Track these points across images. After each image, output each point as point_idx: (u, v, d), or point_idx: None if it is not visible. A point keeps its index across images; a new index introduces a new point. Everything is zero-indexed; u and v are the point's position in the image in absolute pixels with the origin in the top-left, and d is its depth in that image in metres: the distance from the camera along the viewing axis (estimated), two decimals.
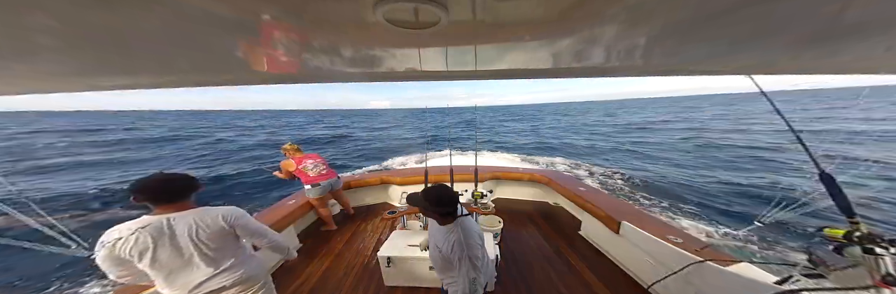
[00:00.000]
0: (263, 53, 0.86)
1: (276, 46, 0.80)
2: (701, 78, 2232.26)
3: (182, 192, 1.40)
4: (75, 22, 0.57)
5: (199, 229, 1.37)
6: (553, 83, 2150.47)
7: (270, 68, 1.00)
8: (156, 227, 1.30)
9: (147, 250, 1.27)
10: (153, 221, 1.30)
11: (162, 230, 1.31)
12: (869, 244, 1.04)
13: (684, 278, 2.04)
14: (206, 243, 1.39)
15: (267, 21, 0.63)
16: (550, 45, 0.84)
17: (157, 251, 1.30)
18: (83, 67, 0.86)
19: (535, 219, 3.84)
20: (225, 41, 0.74)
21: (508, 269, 2.69)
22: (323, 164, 3.49)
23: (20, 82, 0.97)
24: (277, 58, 0.90)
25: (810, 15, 0.61)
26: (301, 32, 0.72)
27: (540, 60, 0.98)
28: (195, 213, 1.39)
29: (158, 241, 1.29)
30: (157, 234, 1.29)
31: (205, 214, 1.41)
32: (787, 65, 0.94)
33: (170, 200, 1.36)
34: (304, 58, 0.92)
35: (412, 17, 0.60)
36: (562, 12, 0.61)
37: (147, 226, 1.29)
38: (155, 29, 0.62)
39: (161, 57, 0.82)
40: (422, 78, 1.26)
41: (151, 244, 1.28)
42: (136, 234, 1.26)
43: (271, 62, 0.95)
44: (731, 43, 0.77)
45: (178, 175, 1.41)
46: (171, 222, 1.33)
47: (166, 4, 0.53)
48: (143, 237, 1.27)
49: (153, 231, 1.29)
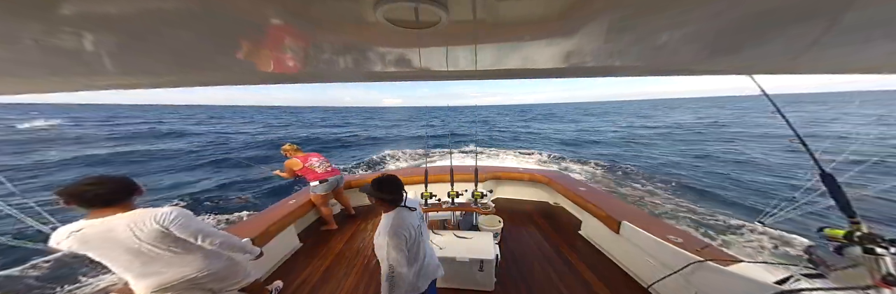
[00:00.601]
0: (263, 53, 0.86)
1: (277, 46, 0.80)
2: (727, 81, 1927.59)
3: (114, 197, 1.39)
4: (75, 22, 0.57)
5: (137, 231, 1.38)
6: (559, 83, 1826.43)
7: (270, 68, 1.00)
8: (89, 231, 1.32)
9: (89, 251, 1.32)
10: (87, 226, 1.32)
11: (97, 233, 1.32)
12: (869, 244, 1.04)
13: (684, 278, 2.04)
14: (151, 243, 1.41)
15: (267, 21, 0.63)
16: (550, 44, 0.84)
17: (101, 251, 1.35)
18: (82, 67, 0.86)
19: (536, 219, 3.84)
20: (225, 41, 0.74)
21: (508, 269, 2.69)
22: (327, 162, 3.53)
23: (19, 82, 0.97)
24: (277, 57, 0.90)
25: (811, 15, 0.61)
26: (301, 32, 0.72)
27: (540, 60, 0.98)
28: (132, 216, 1.39)
29: (96, 243, 1.33)
30: (92, 236, 1.32)
31: (141, 216, 1.41)
32: (787, 65, 0.94)
33: (103, 205, 1.37)
34: (304, 57, 0.92)
35: (412, 17, 0.60)
36: (562, 12, 0.61)
37: (81, 229, 1.31)
38: (154, 29, 0.62)
39: (161, 56, 0.82)
40: (422, 78, 1.26)
41: (91, 246, 1.32)
42: (71, 237, 1.29)
43: (271, 62, 0.95)
44: (732, 43, 0.77)
45: (109, 179, 1.39)
46: (109, 224, 1.34)
47: (166, 4, 0.53)
48: (78, 241, 1.30)
49: (88, 234, 1.31)
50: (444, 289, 2.39)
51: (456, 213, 3.16)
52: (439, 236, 2.62)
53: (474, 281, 2.35)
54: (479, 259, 2.26)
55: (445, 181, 3.25)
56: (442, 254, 2.31)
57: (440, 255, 2.30)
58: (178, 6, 0.54)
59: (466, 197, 3.02)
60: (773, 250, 4.68)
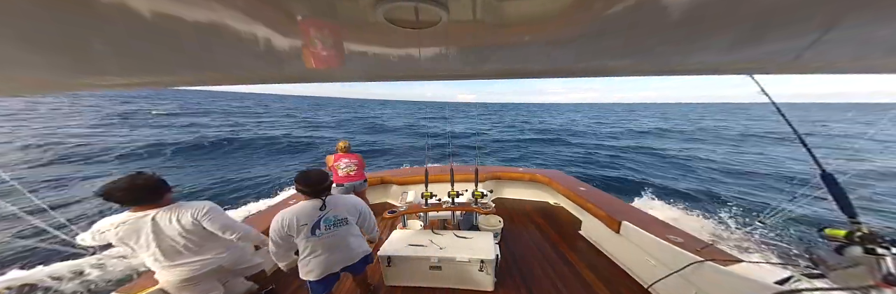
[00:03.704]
0: (263, 53, 0.86)
1: (276, 46, 0.80)
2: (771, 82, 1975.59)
3: (148, 196, 1.55)
4: (74, 21, 0.56)
5: (176, 223, 1.56)
6: (661, 79, 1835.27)
7: (270, 68, 1.00)
8: (134, 223, 1.50)
9: (129, 241, 1.51)
10: (131, 218, 1.50)
11: (141, 226, 1.51)
12: (870, 244, 1.03)
13: (685, 278, 2.03)
14: (185, 235, 1.59)
15: (266, 20, 0.63)
16: (551, 44, 0.83)
17: (140, 242, 1.52)
18: (81, 67, 0.86)
19: (536, 219, 3.84)
20: (225, 41, 0.74)
21: (508, 269, 2.69)
22: (355, 166, 3.58)
23: (17, 82, 0.97)
24: (277, 57, 0.90)
25: (811, 15, 0.61)
26: (301, 32, 0.72)
27: (541, 60, 0.98)
28: (171, 209, 1.59)
29: (139, 235, 1.51)
30: (137, 228, 1.50)
31: (179, 210, 1.60)
32: (787, 65, 0.94)
33: (139, 203, 1.53)
34: (303, 57, 0.92)
35: (412, 17, 0.60)
36: (562, 12, 0.61)
37: (126, 221, 1.49)
38: (154, 28, 0.62)
39: (161, 56, 0.82)
40: (422, 78, 1.26)
41: (133, 237, 1.50)
42: (118, 228, 1.48)
43: (270, 61, 0.94)
44: (732, 43, 0.77)
45: (143, 178, 1.54)
46: (153, 218, 1.53)
47: (165, 4, 0.53)
48: (122, 231, 1.48)
49: (132, 225, 1.50)
50: (444, 289, 2.39)
51: (456, 213, 3.16)
52: (439, 236, 2.62)
53: (474, 281, 2.35)
54: (478, 259, 2.25)
55: (446, 181, 3.25)
56: (442, 254, 2.31)
57: (440, 255, 2.30)
58: (177, 6, 0.54)
59: (467, 197, 3.02)
60: (774, 250, 4.68)
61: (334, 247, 1.76)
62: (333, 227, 1.75)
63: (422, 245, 2.45)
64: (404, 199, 3.27)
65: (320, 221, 1.70)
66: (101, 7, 0.53)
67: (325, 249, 1.73)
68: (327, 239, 1.73)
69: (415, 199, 3.19)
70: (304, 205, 1.70)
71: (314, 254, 1.72)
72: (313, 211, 1.69)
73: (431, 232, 2.70)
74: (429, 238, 2.57)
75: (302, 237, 1.68)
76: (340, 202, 1.81)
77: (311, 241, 1.69)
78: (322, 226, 1.71)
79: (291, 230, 1.65)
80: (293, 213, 1.66)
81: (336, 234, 1.76)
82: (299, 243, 1.71)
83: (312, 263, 1.72)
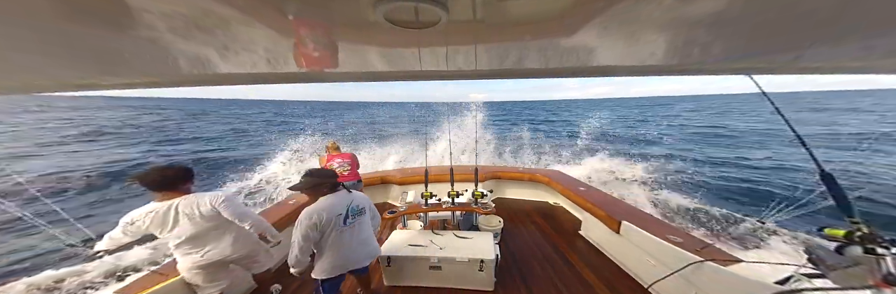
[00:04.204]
0: (262, 53, 0.86)
1: (275, 46, 0.80)
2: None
3: (174, 182, 1.69)
4: (74, 21, 0.56)
5: (197, 210, 1.68)
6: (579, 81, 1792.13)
7: (269, 68, 1.00)
8: (163, 211, 1.64)
9: (158, 228, 1.65)
10: (159, 207, 1.64)
11: (168, 213, 1.64)
12: (870, 244, 1.03)
13: (685, 278, 2.03)
14: (204, 223, 1.71)
15: (266, 20, 0.63)
16: (551, 44, 0.83)
17: (167, 229, 1.65)
18: (80, 67, 0.86)
19: (535, 218, 3.84)
20: (224, 40, 0.74)
21: (508, 269, 2.68)
22: (349, 165, 3.51)
23: (15, 82, 0.97)
24: (276, 57, 0.90)
25: (810, 15, 0.61)
26: (301, 32, 0.72)
27: (540, 60, 0.98)
28: (192, 198, 1.70)
29: (166, 222, 1.64)
30: (164, 216, 1.64)
31: (199, 199, 1.70)
32: (787, 65, 0.94)
33: (166, 189, 1.67)
34: (302, 57, 0.92)
35: (412, 17, 0.60)
36: (562, 12, 0.61)
37: (153, 211, 1.63)
38: (153, 28, 0.62)
39: (160, 56, 0.82)
40: (422, 78, 1.26)
41: (160, 225, 1.64)
42: (148, 216, 1.62)
43: (270, 61, 0.94)
44: (731, 43, 0.77)
45: (172, 168, 1.71)
46: (175, 208, 1.65)
47: (164, 4, 0.53)
48: (152, 219, 1.62)
49: (159, 214, 1.63)
50: (444, 289, 2.39)
51: (456, 213, 3.16)
52: (439, 236, 2.62)
53: (474, 281, 2.35)
54: (478, 259, 2.25)
55: (445, 181, 3.25)
56: (442, 254, 2.31)
57: (440, 255, 2.30)
58: (175, 5, 0.54)
59: (466, 197, 3.02)
60: (773, 250, 4.68)
61: (359, 239, 1.83)
62: (357, 215, 1.83)
63: (422, 245, 2.45)
64: (404, 200, 3.27)
65: (349, 210, 1.78)
66: (99, 7, 0.53)
67: (353, 238, 1.80)
68: (355, 227, 1.81)
69: (415, 200, 3.19)
70: (331, 197, 1.76)
71: (341, 246, 1.76)
72: (343, 199, 1.78)
73: (431, 232, 2.70)
74: (429, 238, 2.57)
75: (332, 228, 1.71)
76: (355, 194, 1.90)
77: (340, 231, 1.74)
78: (350, 215, 1.78)
79: (328, 223, 1.68)
80: (327, 205, 1.71)
81: (360, 223, 1.84)
82: (327, 238, 1.73)
83: (338, 257, 1.77)
